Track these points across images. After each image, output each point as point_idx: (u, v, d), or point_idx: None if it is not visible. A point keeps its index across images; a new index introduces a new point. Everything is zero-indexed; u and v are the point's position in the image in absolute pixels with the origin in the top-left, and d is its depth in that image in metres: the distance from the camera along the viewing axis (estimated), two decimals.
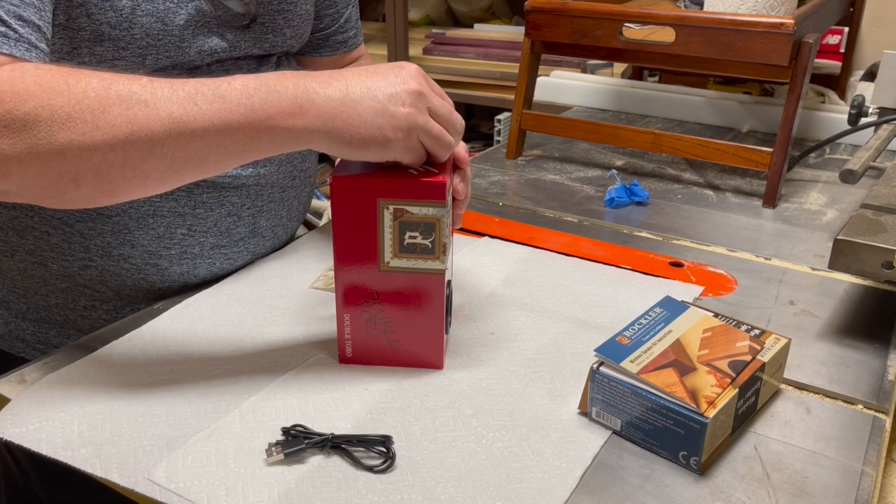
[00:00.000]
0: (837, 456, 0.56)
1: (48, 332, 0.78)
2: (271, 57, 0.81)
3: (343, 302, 0.63)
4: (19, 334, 0.78)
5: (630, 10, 1.03)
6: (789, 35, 0.91)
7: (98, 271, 0.74)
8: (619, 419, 0.57)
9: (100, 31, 0.64)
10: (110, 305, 0.77)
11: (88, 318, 0.77)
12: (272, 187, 0.80)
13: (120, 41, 0.65)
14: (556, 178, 1.09)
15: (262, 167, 0.78)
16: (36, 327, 0.78)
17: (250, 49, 0.76)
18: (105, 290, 0.75)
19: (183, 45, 0.69)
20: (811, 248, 0.88)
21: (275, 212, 0.81)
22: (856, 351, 0.69)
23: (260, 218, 0.80)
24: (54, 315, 0.77)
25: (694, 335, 0.60)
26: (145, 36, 0.66)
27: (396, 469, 0.54)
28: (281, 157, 0.80)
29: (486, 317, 0.73)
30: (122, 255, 0.73)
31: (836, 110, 1.23)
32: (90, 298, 0.76)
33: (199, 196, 0.74)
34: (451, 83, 1.97)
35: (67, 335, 0.78)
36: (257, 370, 0.64)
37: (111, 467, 0.53)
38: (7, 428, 0.57)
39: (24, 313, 0.77)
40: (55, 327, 0.77)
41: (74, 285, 0.75)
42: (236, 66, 0.76)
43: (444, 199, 0.59)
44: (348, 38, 0.93)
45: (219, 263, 0.78)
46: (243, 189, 0.77)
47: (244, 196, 0.77)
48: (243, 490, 0.51)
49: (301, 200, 0.86)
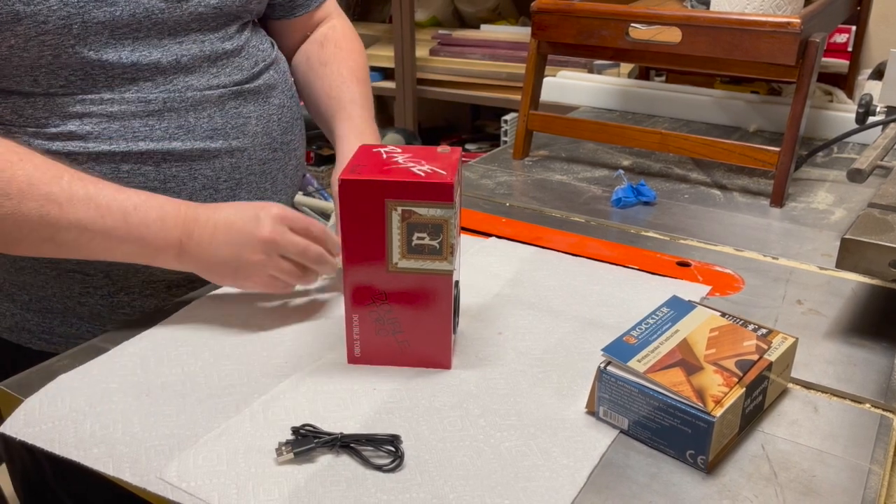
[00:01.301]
0: (845, 455, 0.56)
1: (52, 322, 0.79)
2: (231, 25, 0.79)
3: (352, 302, 0.63)
4: (25, 325, 0.79)
5: (636, 10, 1.03)
6: (796, 34, 0.90)
7: None
8: (627, 418, 0.57)
9: (14, 10, 0.64)
10: (104, 291, 0.77)
11: (86, 304, 0.78)
12: (249, 159, 0.80)
13: (38, 16, 0.65)
14: (562, 179, 1.09)
15: (235, 139, 0.78)
16: (40, 318, 0.78)
17: (196, 6, 0.74)
18: (94, 272, 0.76)
19: (109, 7, 0.68)
20: (819, 248, 0.88)
21: (256, 184, 0.81)
22: (863, 350, 0.69)
23: (240, 190, 0.80)
24: (54, 304, 0.78)
25: (701, 334, 0.61)
26: (63, 5, 0.66)
27: (405, 468, 0.54)
28: (256, 129, 0.80)
29: (493, 317, 0.73)
30: None
31: (844, 109, 1.23)
32: (83, 284, 0.77)
33: (167, 170, 0.74)
34: (458, 84, 1.97)
35: (70, 324, 0.79)
36: (267, 370, 0.64)
37: (123, 466, 0.54)
38: (21, 428, 0.58)
39: (27, 304, 0.78)
40: (58, 316, 0.78)
41: (64, 271, 0.76)
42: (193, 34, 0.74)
43: (451, 201, 0.59)
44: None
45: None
46: (215, 161, 0.77)
47: (218, 169, 0.77)
48: (254, 489, 0.52)
49: (287, 174, 0.86)
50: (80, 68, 0.69)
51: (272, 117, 0.82)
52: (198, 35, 0.75)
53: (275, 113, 0.83)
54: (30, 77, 0.68)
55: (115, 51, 0.69)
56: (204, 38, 0.76)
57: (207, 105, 0.76)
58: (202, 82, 0.75)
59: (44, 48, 0.66)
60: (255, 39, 0.83)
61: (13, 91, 0.69)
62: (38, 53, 0.66)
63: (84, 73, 0.69)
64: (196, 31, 0.75)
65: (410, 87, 2.01)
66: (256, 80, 0.80)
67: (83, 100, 0.70)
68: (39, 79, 0.68)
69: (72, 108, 0.70)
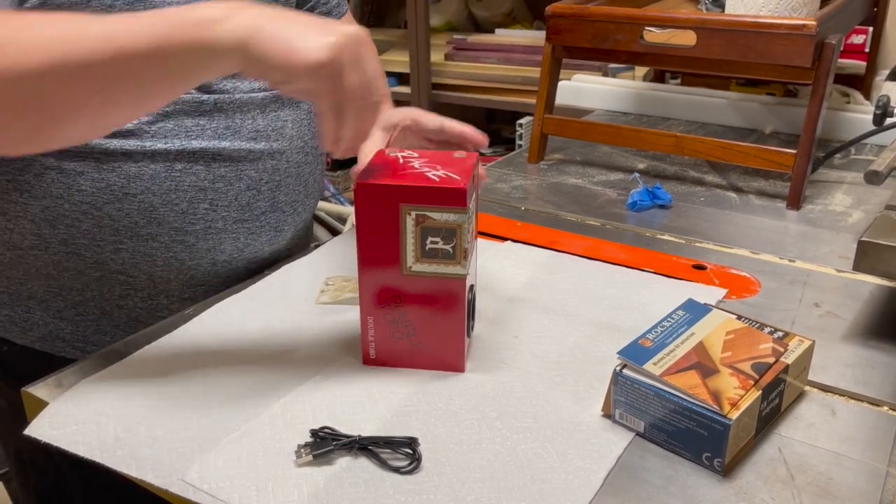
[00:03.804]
0: (862, 458, 0.56)
1: (86, 330, 0.80)
2: None
3: (367, 304, 0.64)
4: (58, 334, 0.80)
5: (650, 13, 1.03)
6: (811, 36, 0.90)
7: (129, 254, 0.76)
8: (643, 421, 0.58)
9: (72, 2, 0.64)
10: (144, 293, 0.79)
11: (124, 307, 0.79)
12: (287, 162, 0.82)
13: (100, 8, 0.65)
14: (578, 182, 1.09)
15: (275, 141, 0.80)
16: (73, 326, 0.80)
17: None
18: (138, 273, 0.77)
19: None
20: (836, 250, 0.88)
21: (292, 187, 0.84)
22: (881, 353, 0.69)
23: (279, 192, 0.82)
24: (91, 309, 0.79)
25: (717, 337, 0.61)
26: (124, 4, 0.66)
27: (422, 470, 0.55)
28: (292, 132, 0.82)
29: (508, 320, 0.73)
30: (150, 234, 0.75)
31: (861, 110, 1.22)
32: (124, 286, 0.78)
33: (216, 170, 0.76)
34: (473, 88, 1.98)
35: (104, 332, 0.80)
36: (286, 373, 0.65)
37: (146, 468, 0.55)
38: (46, 431, 0.59)
39: (61, 311, 0.79)
40: (92, 324, 0.79)
41: (108, 273, 0.77)
42: None
43: (464, 206, 0.59)
44: (331, 9, 0.93)
45: (243, 238, 0.80)
46: (259, 162, 0.79)
47: (261, 170, 0.79)
48: (273, 490, 0.53)
49: (315, 178, 0.89)
50: None
51: (303, 122, 0.84)
52: None
53: (305, 118, 0.85)
54: None
55: None
56: None
57: (252, 107, 0.78)
58: (246, 84, 0.78)
59: None
60: None
61: None
62: None
63: None
64: None
65: (426, 91, 2.02)
66: None
67: None
68: None
69: None
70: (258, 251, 0.83)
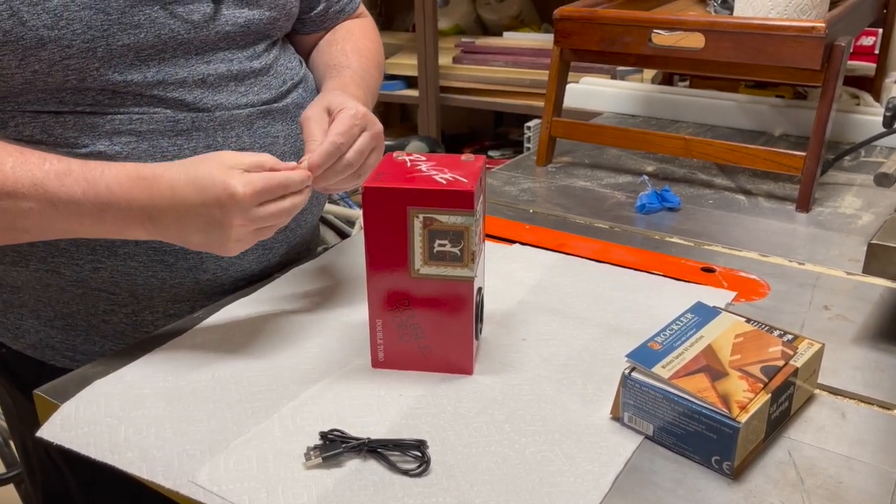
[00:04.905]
0: (872, 461, 0.56)
1: (75, 340, 0.79)
2: (259, 44, 0.78)
3: (375, 307, 0.64)
4: (49, 342, 0.80)
5: (659, 16, 1.03)
6: (821, 38, 0.90)
7: (108, 272, 0.74)
8: (652, 424, 0.58)
9: (38, 36, 0.64)
10: (128, 309, 0.77)
11: (110, 322, 0.78)
12: None
13: (62, 40, 0.65)
14: (586, 185, 1.09)
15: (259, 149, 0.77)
16: (63, 335, 0.79)
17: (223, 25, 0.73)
18: (119, 291, 0.76)
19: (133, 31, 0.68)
20: (845, 253, 0.87)
21: None
22: (891, 356, 0.68)
23: None
24: (78, 321, 0.78)
25: (726, 340, 0.61)
26: (87, 29, 0.66)
27: (431, 473, 0.55)
28: (284, 148, 0.79)
29: (517, 323, 0.73)
30: (127, 254, 0.74)
31: (871, 112, 1.21)
32: (108, 303, 0.77)
33: None
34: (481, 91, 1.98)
35: (93, 342, 0.79)
36: (295, 376, 0.66)
37: (156, 470, 0.55)
38: (57, 432, 0.59)
39: (51, 321, 0.79)
40: (81, 334, 0.79)
41: (90, 290, 0.76)
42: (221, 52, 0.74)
43: (472, 209, 0.60)
44: (345, 6, 0.92)
45: (226, 258, 0.77)
46: None
47: None
48: (283, 493, 0.53)
49: (315, 193, 0.83)
50: (107, 89, 0.69)
51: (298, 137, 0.80)
52: (225, 54, 0.75)
53: (300, 134, 0.80)
54: (55, 99, 0.68)
55: (140, 72, 0.69)
56: (232, 56, 0.75)
57: (236, 124, 0.75)
58: (230, 101, 0.75)
59: (68, 72, 0.66)
60: (283, 58, 0.82)
61: (42, 111, 0.69)
62: (62, 77, 0.66)
63: (112, 92, 0.69)
64: (223, 50, 0.75)
65: (434, 94, 2.02)
66: (285, 100, 0.80)
67: (112, 119, 0.70)
68: (65, 99, 0.68)
69: (101, 127, 0.70)
70: (244, 269, 0.80)
